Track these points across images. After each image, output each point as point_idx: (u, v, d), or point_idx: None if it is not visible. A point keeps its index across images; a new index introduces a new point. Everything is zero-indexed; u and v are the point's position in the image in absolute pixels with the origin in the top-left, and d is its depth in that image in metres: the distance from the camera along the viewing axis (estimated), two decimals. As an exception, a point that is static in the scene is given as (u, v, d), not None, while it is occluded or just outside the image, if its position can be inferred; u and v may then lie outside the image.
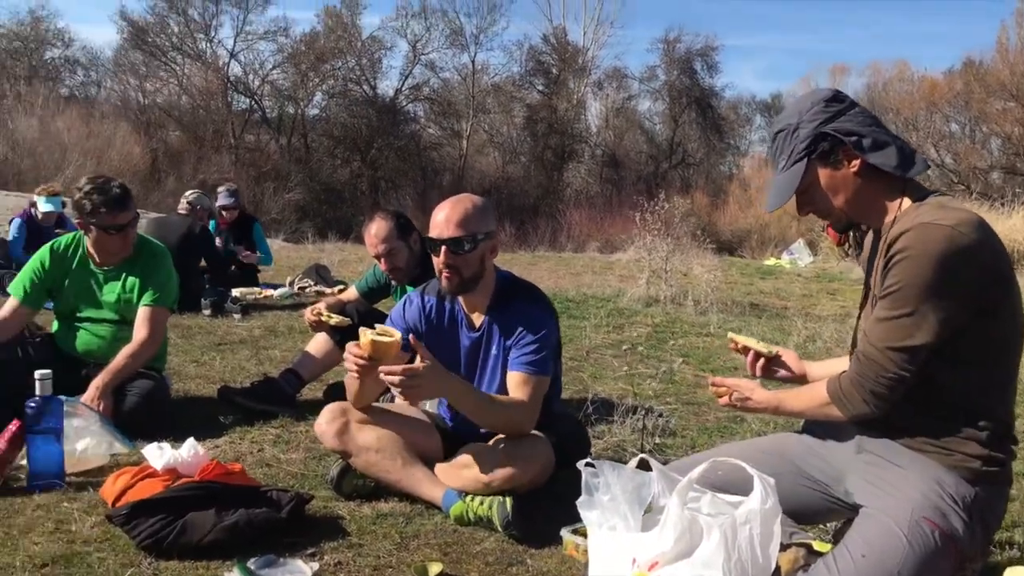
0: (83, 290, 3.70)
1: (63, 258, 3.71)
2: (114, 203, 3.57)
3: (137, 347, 3.54)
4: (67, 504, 2.67)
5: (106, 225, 3.58)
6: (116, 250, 3.67)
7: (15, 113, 24.91)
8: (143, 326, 3.61)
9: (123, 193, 3.63)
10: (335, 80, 34.63)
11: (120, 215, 3.60)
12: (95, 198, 3.55)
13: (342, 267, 10.12)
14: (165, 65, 33.51)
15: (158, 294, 3.69)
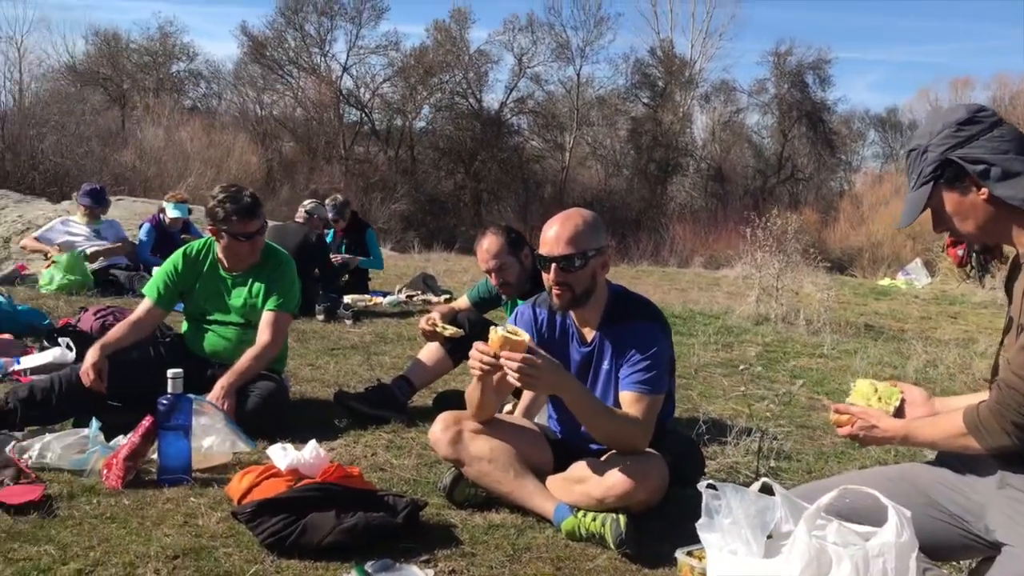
0: (212, 294, 3.86)
1: (195, 262, 3.88)
2: (245, 211, 3.72)
3: (260, 350, 3.67)
4: (194, 499, 2.79)
5: (237, 232, 3.74)
6: (245, 256, 3.82)
7: (143, 124, 26.39)
8: (266, 330, 3.74)
9: (253, 202, 3.78)
10: (442, 93, 35.32)
11: (250, 223, 3.75)
12: (228, 206, 3.71)
13: (447, 277, 10.26)
14: (281, 78, 34.89)
15: (282, 299, 3.82)
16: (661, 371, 2.70)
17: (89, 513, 2.63)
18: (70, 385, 3.42)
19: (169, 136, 25.13)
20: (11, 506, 2.58)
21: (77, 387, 3.41)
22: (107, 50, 32.95)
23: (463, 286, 8.94)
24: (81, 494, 2.78)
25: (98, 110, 26.86)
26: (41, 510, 2.60)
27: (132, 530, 2.52)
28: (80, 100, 26.31)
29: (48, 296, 6.62)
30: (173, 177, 21.41)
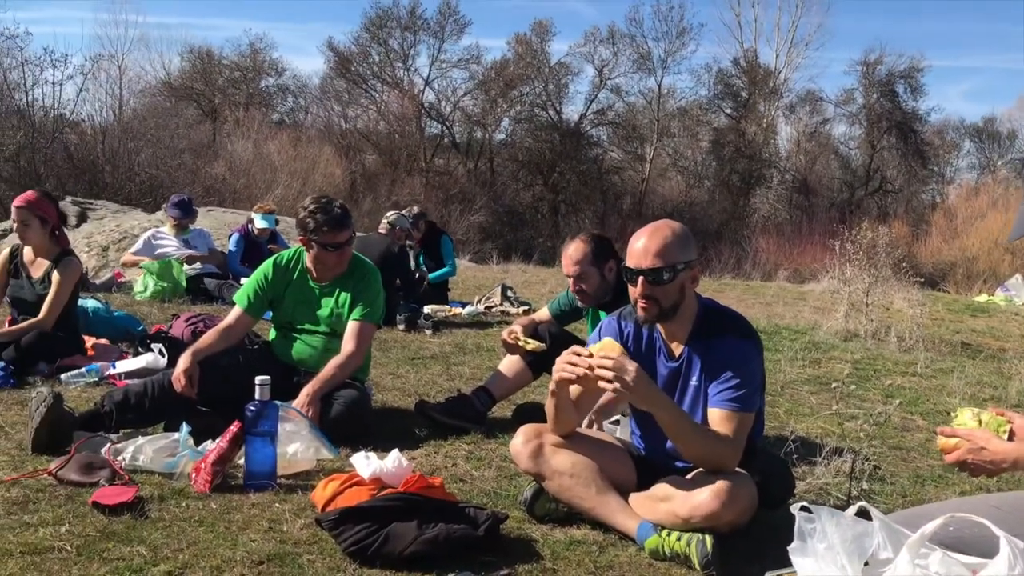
0: (300, 304, 3.93)
1: (285, 272, 3.96)
2: (335, 222, 3.78)
3: (344, 359, 3.72)
4: (279, 505, 2.83)
5: (326, 243, 3.80)
6: (333, 266, 3.88)
7: (234, 137, 27.26)
8: (351, 339, 3.79)
9: (343, 213, 3.85)
10: (522, 105, 35.48)
11: (340, 234, 3.81)
12: (318, 217, 3.78)
13: (525, 288, 10.26)
14: (366, 92, 35.60)
15: (367, 310, 3.87)
16: (753, 389, 2.62)
17: (178, 516, 2.69)
18: (162, 390, 3.52)
19: (258, 149, 25.90)
20: (106, 506, 2.66)
21: (169, 392, 3.51)
22: (200, 66, 34.20)
23: (541, 298, 8.92)
24: (171, 496, 2.85)
25: (191, 124, 27.87)
26: (134, 511, 2.67)
27: (219, 534, 2.56)
28: (175, 115, 27.34)
29: (142, 303, 6.87)
30: (261, 189, 22.04)
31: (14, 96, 22.40)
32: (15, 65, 22.63)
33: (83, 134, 23.54)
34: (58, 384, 4.33)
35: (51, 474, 2.94)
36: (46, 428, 3.25)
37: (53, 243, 4.77)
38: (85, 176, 21.26)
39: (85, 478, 2.91)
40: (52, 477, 2.93)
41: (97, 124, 24.68)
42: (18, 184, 19.30)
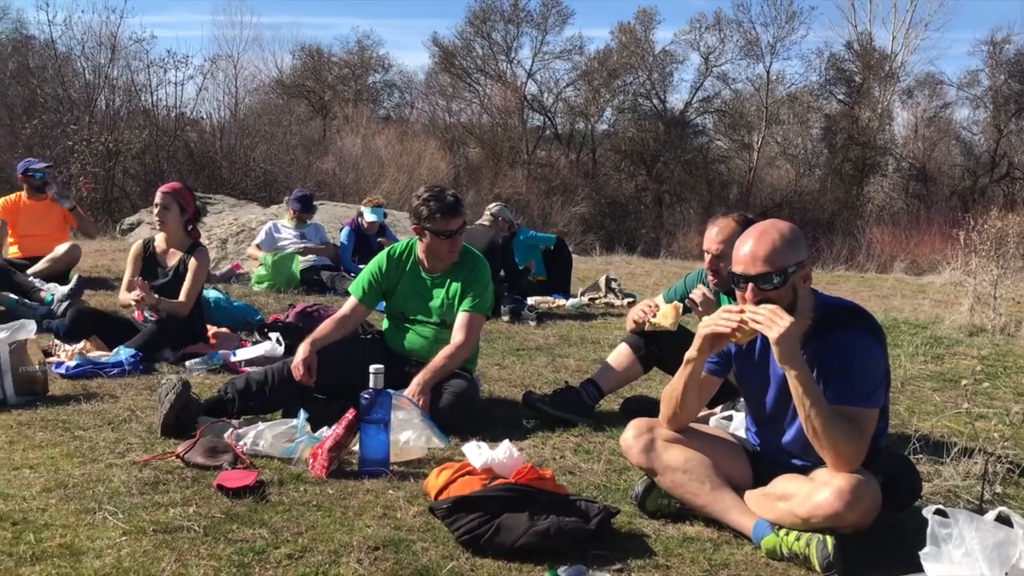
0: (413, 295, 4.00)
1: (398, 263, 4.04)
2: (448, 209, 3.84)
3: (454, 349, 3.76)
4: (392, 492, 2.88)
5: (439, 230, 3.85)
6: (445, 255, 3.93)
7: (343, 132, 28.01)
8: (461, 330, 3.84)
9: (456, 201, 3.90)
10: (625, 95, 35.11)
11: (452, 221, 3.86)
12: (432, 204, 3.84)
13: (629, 280, 10.14)
14: (469, 86, 35.94)
15: (477, 300, 3.91)
16: (876, 384, 2.50)
17: (297, 500, 2.78)
18: (282, 378, 3.64)
19: (366, 144, 26.53)
20: (230, 489, 2.77)
21: (288, 380, 3.63)
22: (311, 64, 35.24)
23: (646, 289, 8.81)
24: (290, 481, 2.94)
25: (302, 120, 28.77)
26: (255, 494, 2.77)
27: (336, 519, 2.63)
28: (287, 111, 28.28)
29: (259, 293, 7.14)
30: (369, 183, 22.55)
31: (141, 97, 23.60)
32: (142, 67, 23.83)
33: (202, 132, 24.61)
34: (183, 370, 4.54)
35: (179, 457, 3.08)
36: (174, 413, 3.41)
37: (186, 235, 5.01)
38: (204, 172, 22.23)
39: (210, 461, 3.04)
40: (179, 460, 3.07)
41: (215, 122, 25.75)
42: (143, 180, 20.40)
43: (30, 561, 2.25)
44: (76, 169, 19.68)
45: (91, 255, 8.79)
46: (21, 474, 2.92)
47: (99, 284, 7.02)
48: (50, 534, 2.42)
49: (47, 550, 2.31)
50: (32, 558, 2.27)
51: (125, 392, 4.09)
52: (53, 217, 7.11)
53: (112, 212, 18.32)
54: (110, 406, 3.84)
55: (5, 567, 2.22)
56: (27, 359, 4.00)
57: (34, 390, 3.97)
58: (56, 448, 3.23)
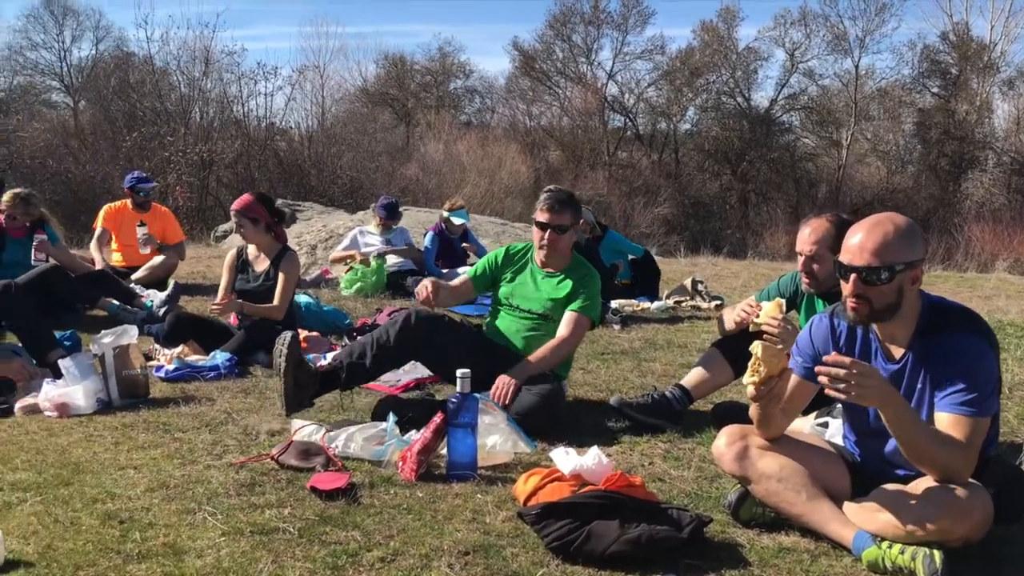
0: (521, 283, 4.11)
1: (514, 258, 4.19)
2: (545, 201, 3.98)
3: (558, 343, 3.86)
4: (481, 496, 2.88)
5: (538, 220, 3.98)
6: (559, 250, 4.01)
7: (425, 139, 28.43)
8: (567, 327, 3.92)
9: (568, 197, 4.03)
10: (708, 94, 34.61)
11: (551, 215, 3.96)
12: (544, 195, 4.03)
13: (716, 282, 9.95)
14: (549, 89, 36.00)
15: (587, 303, 3.98)
16: (988, 391, 2.37)
17: (388, 503, 2.81)
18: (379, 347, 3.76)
19: (448, 149, 26.87)
20: (323, 491, 2.82)
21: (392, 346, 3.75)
22: (394, 72, 35.88)
23: (734, 292, 8.63)
24: (380, 484, 2.98)
25: (387, 128, 29.38)
26: (347, 497, 2.81)
27: (426, 522, 2.65)
28: (371, 120, 28.90)
29: (348, 298, 7.27)
30: (451, 188, 22.81)
31: (232, 108, 24.44)
32: (233, 80, 24.73)
33: (291, 141, 25.36)
34: (275, 374, 4.65)
35: (273, 459, 3.16)
36: (290, 376, 3.55)
37: (272, 239, 5.16)
38: (293, 180, 22.88)
39: (303, 463, 3.11)
40: (274, 461, 3.15)
41: (303, 131, 26.50)
42: (236, 188, 21.06)
43: (136, 559, 2.34)
44: (173, 179, 20.51)
45: (187, 262, 9.11)
46: (126, 474, 3.04)
47: (195, 290, 7.26)
48: (154, 533, 2.51)
49: (152, 549, 2.40)
50: (138, 556, 2.35)
51: (221, 395, 4.22)
52: (153, 229, 7.40)
53: (206, 220, 19.01)
54: (207, 408, 3.97)
55: (114, 564, 2.31)
56: (130, 363, 4.17)
57: (136, 392, 4.13)
58: (158, 449, 3.35)
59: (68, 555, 2.35)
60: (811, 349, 2.64)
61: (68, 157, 23.43)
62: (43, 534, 2.49)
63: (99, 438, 3.51)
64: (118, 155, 22.27)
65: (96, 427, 3.66)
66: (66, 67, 30.82)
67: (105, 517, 2.62)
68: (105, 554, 2.36)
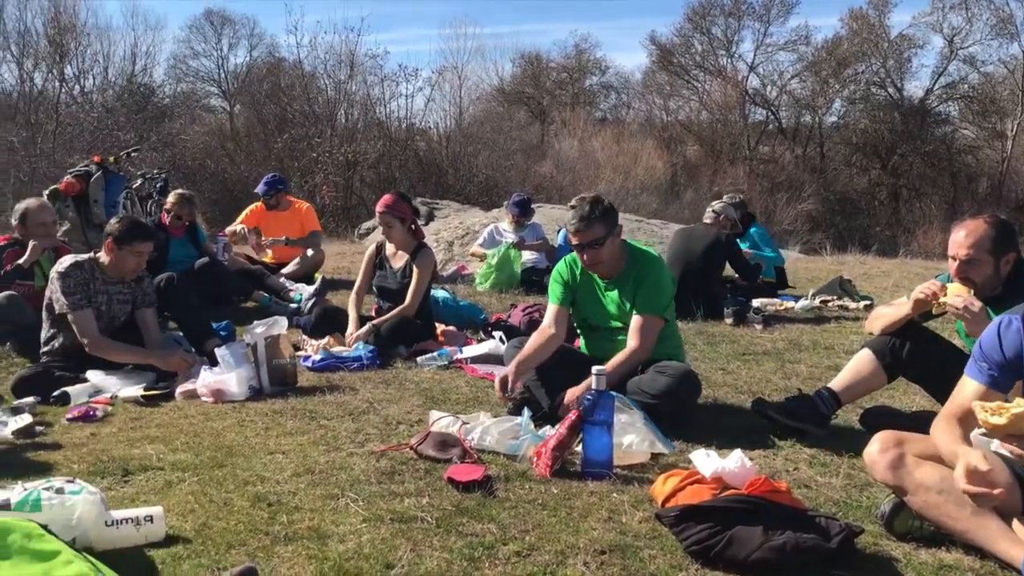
0: (590, 300, 3.96)
1: (572, 270, 4.00)
2: (576, 222, 3.76)
3: (627, 355, 3.68)
4: (617, 495, 2.83)
5: (572, 243, 3.83)
6: (590, 264, 3.84)
7: (560, 136, 28.48)
8: (634, 335, 3.74)
9: (588, 214, 3.75)
10: (857, 85, 33.02)
11: (580, 234, 3.76)
12: (569, 215, 3.83)
13: (864, 281, 9.44)
14: (687, 83, 35.31)
15: (648, 302, 3.78)
16: None
17: (523, 497, 2.80)
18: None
19: (582, 146, 26.83)
20: (459, 483, 2.84)
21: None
22: (530, 70, 36.15)
23: (884, 291, 8.17)
24: (515, 478, 2.98)
25: (522, 126, 29.61)
26: (483, 489, 2.83)
27: (561, 519, 2.62)
28: (507, 118, 29.22)
29: (483, 293, 7.36)
30: (585, 184, 22.75)
31: (375, 110, 25.28)
32: (376, 82, 25.55)
33: (430, 141, 25.98)
34: (415, 366, 4.77)
35: (412, 448, 3.22)
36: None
37: (411, 237, 5.29)
38: (432, 178, 23.43)
39: (440, 454, 3.15)
40: (413, 451, 3.21)
41: (441, 131, 27.09)
42: (378, 188, 21.78)
43: (283, 541, 2.43)
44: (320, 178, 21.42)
45: (333, 258, 9.49)
46: (275, 459, 3.17)
47: (340, 285, 7.54)
48: (300, 516, 2.60)
49: (298, 531, 2.49)
50: (285, 538, 2.45)
51: (364, 385, 4.35)
52: (294, 227, 7.76)
53: (351, 218, 19.76)
54: (350, 398, 4.10)
55: (263, 544, 2.41)
56: (280, 352, 4.36)
57: (285, 381, 4.32)
58: (304, 436, 3.48)
59: (221, 534, 2.47)
60: (998, 354, 2.44)
61: (224, 158, 24.92)
62: (199, 512, 2.63)
63: (250, 423, 3.68)
64: (269, 156, 23.50)
65: (248, 413, 3.85)
66: (223, 73, 32.83)
67: (255, 499, 2.74)
68: (255, 534, 2.47)
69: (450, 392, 4.23)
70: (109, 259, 4.50)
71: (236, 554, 2.34)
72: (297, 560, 2.31)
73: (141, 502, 2.69)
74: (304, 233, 7.76)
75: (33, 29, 23.63)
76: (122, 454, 3.23)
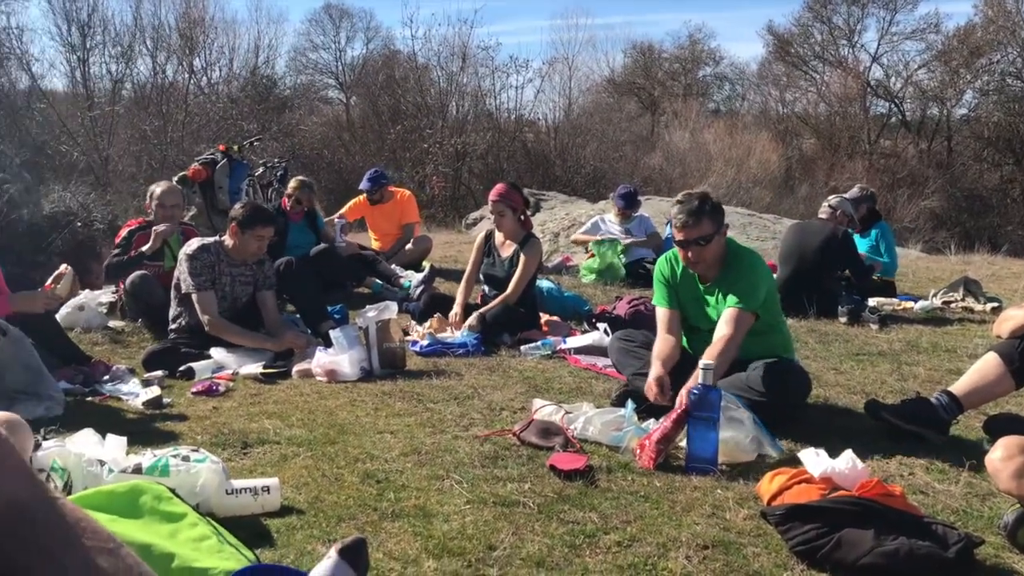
0: (692, 301, 3.86)
1: (672, 268, 3.91)
2: (684, 218, 3.64)
3: (723, 345, 3.51)
4: (720, 491, 2.79)
5: (677, 239, 3.72)
6: (693, 262, 3.74)
7: (671, 128, 28.06)
8: (726, 324, 3.57)
9: (697, 210, 3.64)
10: (991, 75, 31.12)
11: (688, 231, 3.65)
12: (674, 211, 3.72)
13: (993, 283, 8.94)
14: (805, 74, 34.15)
15: (741, 297, 3.63)
16: None
17: (625, 489, 2.80)
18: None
19: (694, 138, 26.36)
20: (562, 471, 2.87)
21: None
22: (642, 61, 35.70)
23: (1015, 294, 7.73)
24: (617, 469, 2.98)
25: (632, 117, 29.32)
26: (585, 479, 2.84)
27: (663, 512, 2.61)
28: (617, 110, 28.98)
29: (587, 285, 7.35)
30: (696, 177, 22.38)
31: (485, 101, 25.53)
32: (487, 74, 25.77)
33: (538, 132, 26.05)
34: (518, 354, 4.81)
35: (515, 435, 3.26)
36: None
37: (519, 227, 5.35)
38: (539, 170, 23.51)
39: (543, 442, 3.18)
40: (516, 437, 3.25)
41: (550, 122, 27.11)
42: (486, 179, 22.04)
43: (391, 517, 2.51)
44: (430, 169, 21.81)
45: (440, 246, 9.66)
46: (384, 438, 3.27)
47: (448, 274, 7.67)
48: (406, 495, 2.68)
49: (404, 509, 2.57)
50: (392, 515, 2.53)
51: (468, 371, 4.42)
52: (395, 218, 7.99)
53: (458, 208, 20.04)
54: (456, 383, 4.18)
55: (371, 519, 2.49)
56: (390, 336, 4.50)
57: (395, 364, 4.44)
58: (411, 417, 3.58)
59: (332, 507, 2.57)
60: None
61: (340, 148, 25.68)
62: (312, 486, 2.74)
63: (361, 403, 3.81)
64: (383, 147, 24.09)
65: (359, 393, 3.98)
66: (340, 66, 33.73)
67: (364, 476, 2.84)
68: (363, 510, 2.56)
69: (553, 381, 4.26)
70: (233, 242, 4.72)
71: (346, 527, 2.43)
72: (403, 536, 2.38)
73: (258, 473, 2.83)
74: (404, 220, 7.98)
75: (166, 24, 24.90)
76: (242, 427, 3.40)
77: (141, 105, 23.18)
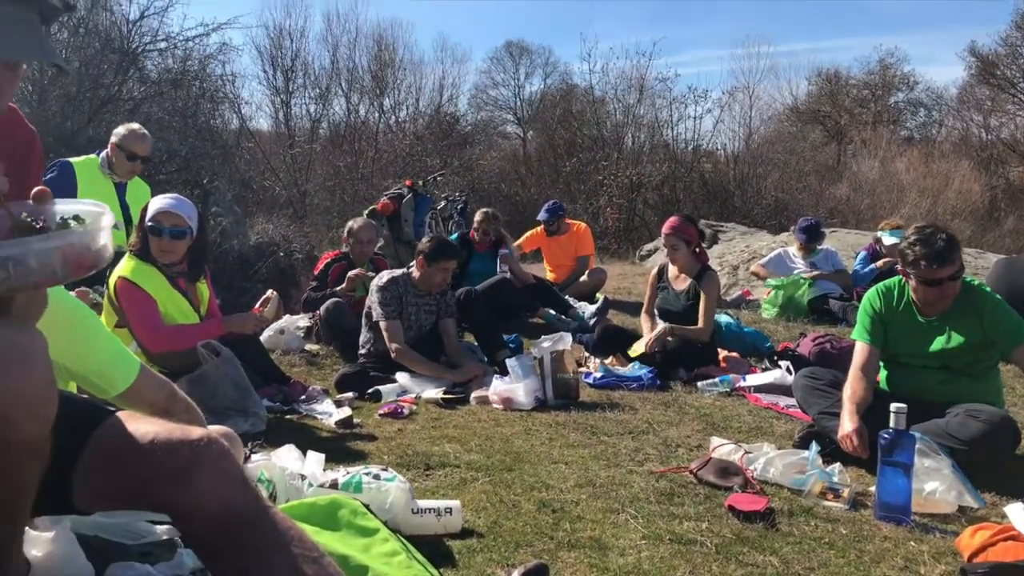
0: (905, 335, 3.66)
1: (889, 300, 3.72)
2: (934, 257, 3.44)
3: None
4: (914, 543, 2.63)
5: (924, 278, 3.50)
6: (933, 302, 3.55)
7: (859, 156, 26.71)
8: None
9: (947, 246, 3.46)
10: None
11: (940, 270, 3.46)
12: (917, 249, 3.49)
13: None
14: (1013, 97, 31.57)
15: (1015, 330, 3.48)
16: None
17: (808, 534, 2.69)
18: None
19: (884, 167, 24.95)
20: (740, 512, 2.80)
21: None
22: (827, 88, 34.25)
23: None
24: (800, 513, 2.87)
25: (816, 146, 28.15)
26: (765, 521, 2.76)
27: (850, 561, 2.49)
28: (800, 138, 27.93)
29: (769, 321, 7.12)
30: (886, 208, 21.15)
31: (662, 132, 25.37)
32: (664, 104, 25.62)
33: (716, 162, 25.53)
34: (695, 391, 4.73)
35: (692, 472, 3.21)
36: None
37: (694, 260, 5.29)
38: (717, 200, 23.02)
39: (721, 481, 3.11)
40: (693, 475, 3.20)
41: (729, 152, 26.51)
42: (661, 210, 21.83)
43: (567, 547, 2.54)
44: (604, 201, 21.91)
45: (614, 278, 9.67)
46: (558, 468, 3.32)
47: (621, 306, 7.68)
48: (582, 526, 2.71)
49: (580, 540, 2.59)
50: (568, 544, 2.56)
51: (643, 405, 4.40)
52: (570, 250, 8.10)
53: (632, 240, 19.96)
54: (630, 417, 4.17)
55: (547, 547, 2.53)
56: (564, 367, 4.55)
57: (568, 395, 4.49)
58: (585, 449, 3.60)
59: (510, 533, 2.64)
60: None
61: (516, 182, 26.28)
62: (491, 511, 2.82)
63: (536, 432, 3.88)
64: (558, 179, 24.44)
65: (533, 422, 4.06)
66: (519, 101, 34.62)
67: (540, 504, 2.89)
68: (540, 537, 2.61)
69: (731, 419, 4.16)
70: (420, 274, 4.98)
71: (523, 553, 2.49)
72: (579, 567, 2.40)
73: (440, 495, 2.95)
74: (579, 252, 8.08)
75: (360, 66, 26.60)
76: (424, 450, 3.55)
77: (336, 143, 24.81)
